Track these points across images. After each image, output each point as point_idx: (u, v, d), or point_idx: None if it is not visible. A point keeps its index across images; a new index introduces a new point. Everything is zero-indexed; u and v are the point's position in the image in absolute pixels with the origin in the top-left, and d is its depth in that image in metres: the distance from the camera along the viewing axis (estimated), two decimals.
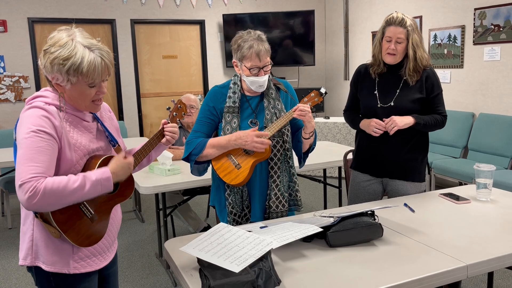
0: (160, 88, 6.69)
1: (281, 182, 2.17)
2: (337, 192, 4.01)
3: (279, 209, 2.17)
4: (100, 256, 1.65)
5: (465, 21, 5.10)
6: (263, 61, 2.08)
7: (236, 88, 2.18)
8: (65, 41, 1.47)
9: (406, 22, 2.34)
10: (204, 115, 2.20)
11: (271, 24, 6.67)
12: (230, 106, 2.15)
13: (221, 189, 2.21)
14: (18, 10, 5.74)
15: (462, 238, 1.81)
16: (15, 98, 5.81)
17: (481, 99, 5.04)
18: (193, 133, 2.19)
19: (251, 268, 1.46)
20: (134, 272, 3.48)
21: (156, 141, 1.77)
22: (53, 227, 1.46)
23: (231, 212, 2.17)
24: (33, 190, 1.35)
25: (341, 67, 7.23)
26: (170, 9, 6.52)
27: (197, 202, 5.12)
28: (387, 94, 2.45)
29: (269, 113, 2.16)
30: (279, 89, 2.24)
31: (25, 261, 1.55)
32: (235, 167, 2.09)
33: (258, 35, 2.10)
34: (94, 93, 1.54)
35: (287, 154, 2.19)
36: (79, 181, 1.43)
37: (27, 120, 1.44)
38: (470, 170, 4.40)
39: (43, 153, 1.41)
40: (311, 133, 2.15)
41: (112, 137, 1.67)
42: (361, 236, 1.77)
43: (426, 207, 2.21)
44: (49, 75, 1.49)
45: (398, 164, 2.48)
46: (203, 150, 2.10)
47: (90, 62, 1.47)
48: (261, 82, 2.10)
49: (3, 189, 4.56)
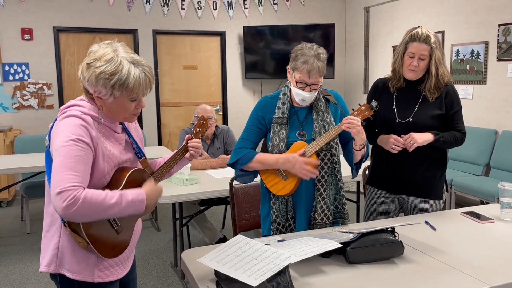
0: (180, 98, 6.75)
1: (327, 195, 2.16)
2: (355, 207, 3.95)
3: (323, 222, 2.16)
4: (121, 265, 1.66)
5: (488, 37, 5.04)
6: (312, 79, 2.05)
7: (285, 99, 2.18)
8: (110, 56, 1.49)
9: (431, 39, 2.30)
10: (253, 124, 2.21)
11: (290, 36, 6.69)
12: (279, 117, 2.16)
13: (267, 198, 2.23)
14: (44, 19, 5.88)
15: (485, 259, 1.76)
16: (38, 104, 5.92)
17: (505, 116, 4.94)
18: (241, 140, 2.21)
19: (268, 283, 1.44)
20: (148, 281, 3.48)
21: (180, 155, 1.81)
22: (81, 238, 1.47)
23: (275, 221, 2.17)
24: (72, 199, 1.35)
25: (361, 80, 7.19)
26: (191, 20, 6.61)
27: (213, 213, 5.12)
28: (405, 109, 2.42)
29: (318, 125, 2.15)
30: (329, 101, 2.21)
31: (48, 268, 1.55)
32: (282, 178, 2.11)
33: (318, 53, 2.07)
34: (134, 107, 1.57)
35: (335, 167, 2.18)
36: (115, 198, 1.44)
37: (65, 128, 1.45)
38: (492, 188, 4.30)
39: (82, 162, 1.42)
40: (362, 145, 2.13)
41: (140, 149, 1.70)
42: (381, 253, 1.74)
43: (448, 225, 2.17)
44: (91, 88, 1.51)
45: (416, 181, 2.43)
46: (249, 163, 2.12)
47: (136, 78, 1.50)
48: (305, 96, 2.09)
49: (23, 194, 4.63)
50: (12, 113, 5.84)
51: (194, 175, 3.27)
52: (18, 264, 3.79)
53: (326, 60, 2.11)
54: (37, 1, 5.82)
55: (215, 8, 6.67)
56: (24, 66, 5.82)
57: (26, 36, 5.79)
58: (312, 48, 2.08)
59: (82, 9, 6.04)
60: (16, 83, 5.81)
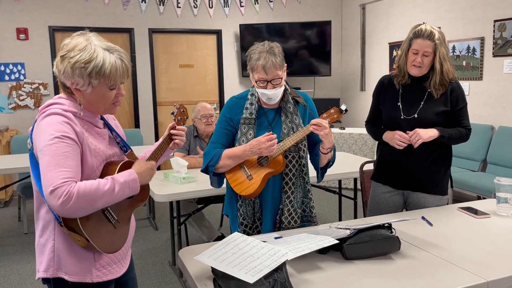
0: (176, 96, 6.74)
1: (295, 198, 2.14)
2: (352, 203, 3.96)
3: (290, 225, 2.14)
4: (119, 263, 1.64)
5: (484, 33, 5.05)
6: (271, 75, 2.02)
7: (253, 100, 2.16)
8: (84, 45, 1.46)
9: (435, 36, 2.29)
10: (221, 126, 2.18)
11: (287, 34, 6.69)
12: (247, 117, 2.13)
13: (234, 199, 2.20)
14: (39, 19, 5.86)
15: (482, 254, 1.77)
16: (34, 104, 5.90)
17: (501, 112, 4.96)
18: (211, 144, 2.17)
19: (265, 279, 1.44)
20: (147, 280, 3.48)
21: (165, 146, 1.77)
22: (80, 235, 1.44)
23: (242, 223, 2.15)
24: (67, 194, 1.33)
25: (357, 78, 7.20)
26: (187, 18, 6.59)
27: (211, 211, 5.12)
28: (410, 106, 2.42)
29: (286, 127, 2.12)
30: (298, 102, 2.18)
31: (46, 273, 1.51)
32: (247, 178, 2.07)
33: (270, 47, 2.04)
34: (114, 96, 1.54)
35: (303, 170, 2.16)
36: (108, 183, 1.42)
37: (48, 127, 1.42)
38: (489, 184, 4.31)
39: (70, 158, 1.40)
40: (329, 149, 2.10)
41: (124, 142, 1.67)
42: (378, 249, 1.74)
43: (444, 221, 2.17)
44: (68, 80, 1.48)
45: (420, 177, 2.44)
46: (219, 161, 2.08)
47: (112, 63, 1.47)
48: (269, 95, 2.06)
49: (20, 194, 4.62)
50: (8, 113, 5.83)
51: (191, 173, 3.27)
52: (15, 265, 3.78)
53: (283, 54, 2.07)
54: (32, 0, 5.80)
55: (211, 6, 6.66)
56: (20, 66, 5.80)
57: (21, 36, 5.77)
58: (263, 45, 2.06)
59: (78, 9, 6.02)
60: (12, 83, 5.79)
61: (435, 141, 2.34)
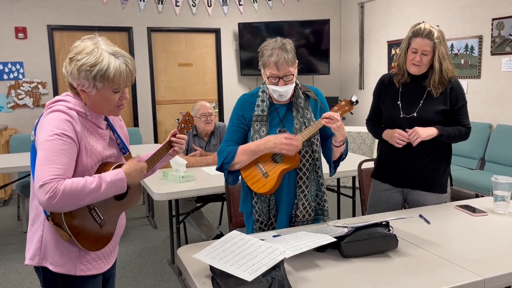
0: (175, 95, 6.74)
1: (309, 192, 2.15)
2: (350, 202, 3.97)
3: (305, 218, 2.15)
4: (104, 259, 1.69)
5: (482, 31, 5.05)
6: (283, 71, 2.03)
7: (264, 96, 2.16)
8: (91, 48, 1.52)
9: (434, 34, 2.30)
10: (234, 124, 2.18)
11: (286, 33, 6.68)
12: (259, 114, 2.13)
13: (249, 197, 2.20)
14: (38, 18, 5.85)
15: (479, 251, 1.78)
16: (33, 103, 5.91)
17: (499, 110, 4.97)
18: (224, 142, 2.17)
19: (263, 277, 1.45)
20: (146, 278, 3.48)
21: (164, 151, 1.81)
22: (64, 231, 1.50)
23: (257, 220, 2.15)
24: (53, 191, 1.39)
25: (356, 76, 7.20)
26: (186, 17, 6.59)
27: (210, 209, 5.12)
28: (410, 104, 2.43)
29: (298, 122, 2.12)
30: (309, 97, 2.19)
31: (32, 261, 1.59)
32: (263, 176, 2.08)
33: (283, 43, 2.05)
34: (117, 99, 1.59)
35: (316, 163, 2.17)
36: (95, 182, 1.47)
37: (50, 123, 1.48)
38: (487, 182, 4.32)
39: (65, 156, 1.46)
40: (342, 141, 2.10)
41: (124, 144, 1.72)
42: (376, 247, 1.75)
43: (442, 218, 2.18)
44: (74, 81, 1.54)
45: (420, 175, 2.45)
46: (234, 158, 2.08)
47: (116, 68, 1.52)
48: (281, 91, 2.07)
49: (19, 193, 4.63)
50: (7, 112, 5.83)
51: (190, 172, 3.28)
52: (15, 263, 3.79)
53: (294, 51, 2.09)
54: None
55: (209, 5, 6.66)
56: (19, 65, 5.80)
57: (20, 35, 5.77)
58: (276, 41, 2.07)
59: (76, 8, 6.02)
60: (11, 82, 5.79)
61: (434, 139, 2.35)
